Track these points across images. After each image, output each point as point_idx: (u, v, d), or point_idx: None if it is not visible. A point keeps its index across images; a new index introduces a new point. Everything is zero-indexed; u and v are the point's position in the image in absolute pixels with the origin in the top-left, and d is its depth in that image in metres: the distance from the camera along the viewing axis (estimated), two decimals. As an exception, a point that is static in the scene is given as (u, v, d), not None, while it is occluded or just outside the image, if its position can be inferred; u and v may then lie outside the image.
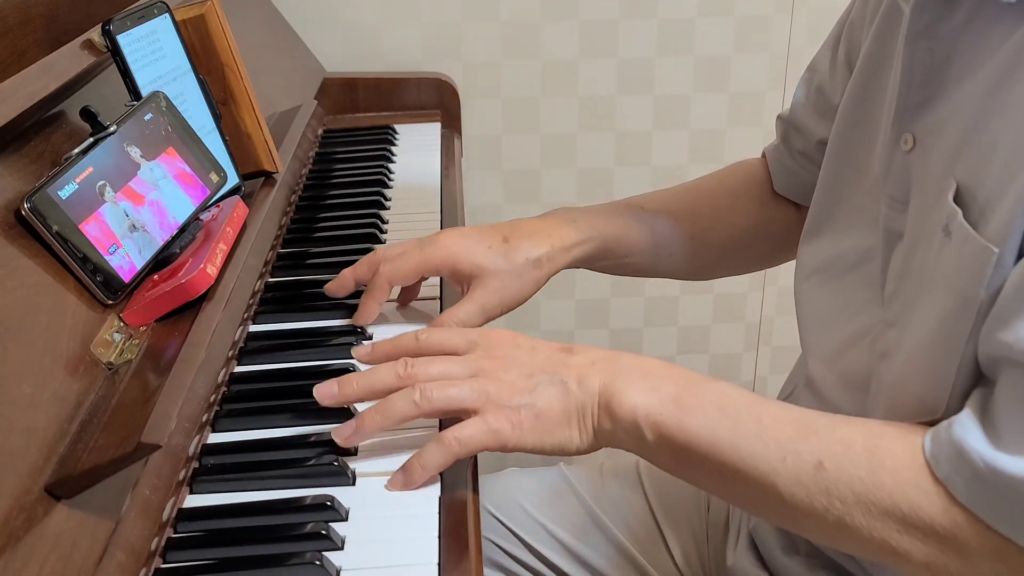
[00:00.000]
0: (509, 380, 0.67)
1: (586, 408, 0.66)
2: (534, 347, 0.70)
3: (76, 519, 0.55)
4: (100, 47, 0.77)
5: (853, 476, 0.59)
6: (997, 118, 0.60)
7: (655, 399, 0.65)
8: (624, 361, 0.68)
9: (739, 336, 1.75)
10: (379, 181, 1.19)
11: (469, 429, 0.65)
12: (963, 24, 0.63)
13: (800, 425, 0.63)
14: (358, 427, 0.67)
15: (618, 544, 0.95)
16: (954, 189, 0.61)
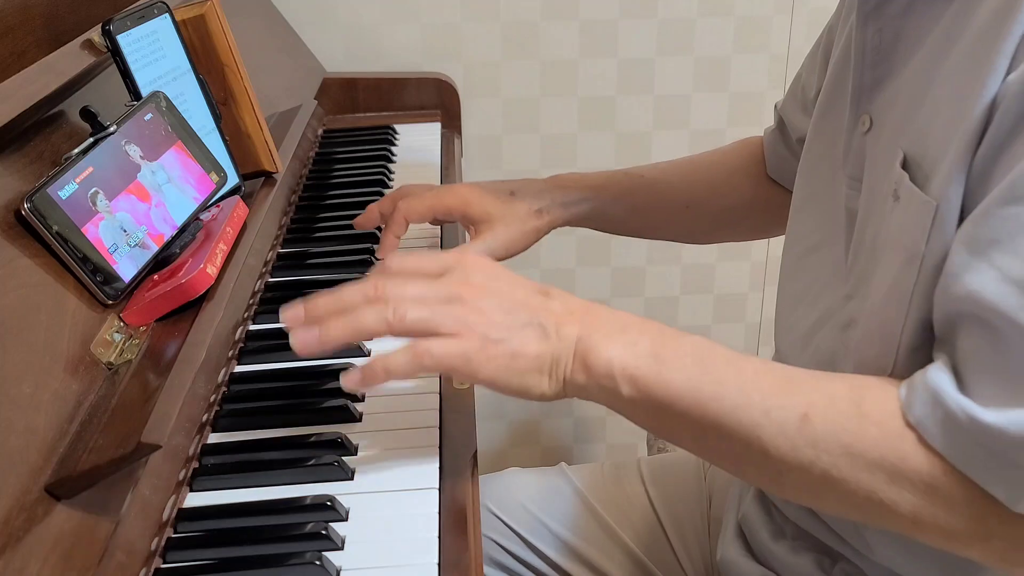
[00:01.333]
0: (488, 309, 0.64)
1: (560, 357, 0.64)
2: (512, 281, 0.67)
3: (76, 519, 0.55)
4: (100, 47, 0.77)
5: (839, 427, 0.59)
6: (936, 87, 0.62)
7: (631, 353, 0.63)
8: (600, 313, 0.66)
9: (739, 336, 1.75)
10: (379, 181, 1.19)
11: (444, 346, 0.62)
12: (906, 5, 0.66)
13: (783, 378, 0.62)
14: (322, 334, 0.63)
15: (620, 542, 0.95)
16: (901, 158, 0.63)
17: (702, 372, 0.62)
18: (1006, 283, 0.54)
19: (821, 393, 0.61)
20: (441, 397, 0.78)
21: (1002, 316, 0.54)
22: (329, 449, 0.70)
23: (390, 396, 0.77)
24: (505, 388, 0.64)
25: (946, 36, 0.62)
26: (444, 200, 0.94)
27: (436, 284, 0.65)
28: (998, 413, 0.54)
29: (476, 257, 0.68)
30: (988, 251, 0.55)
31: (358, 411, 0.75)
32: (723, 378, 0.62)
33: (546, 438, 1.79)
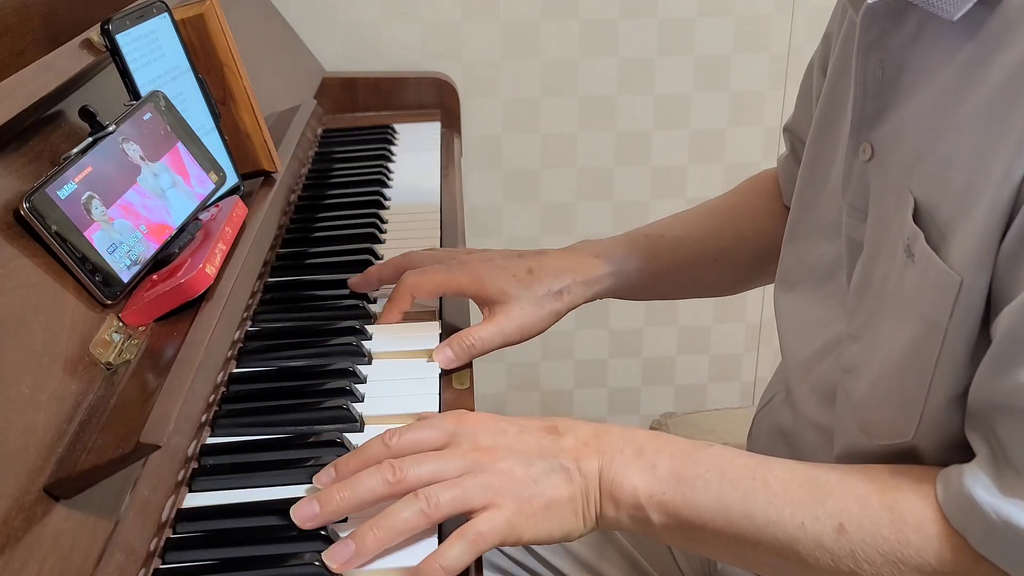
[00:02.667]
0: (509, 470, 0.63)
1: (589, 493, 0.64)
2: (520, 429, 0.67)
3: (75, 519, 0.55)
4: (99, 46, 0.77)
5: (877, 536, 0.59)
6: (950, 134, 0.60)
7: (654, 478, 0.63)
8: (612, 438, 0.66)
9: (739, 336, 1.75)
10: (378, 181, 1.19)
11: (490, 522, 0.61)
12: (911, 37, 0.64)
13: (810, 485, 0.62)
14: (358, 548, 0.60)
15: (617, 544, 0.95)
16: (912, 206, 0.61)
17: (727, 489, 0.62)
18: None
19: (853, 499, 0.60)
20: (441, 398, 0.77)
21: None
22: (329, 449, 0.70)
23: (389, 396, 0.77)
24: (550, 539, 0.64)
25: (962, 77, 0.60)
26: (456, 278, 0.85)
27: (449, 457, 0.64)
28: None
29: (473, 416, 0.67)
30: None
31: (357, 412, 0.74)
32: (750, 493, 0.62)
33: (546, 438, 1.79)
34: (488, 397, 1.72)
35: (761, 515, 0.61)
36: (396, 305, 0.86)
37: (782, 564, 0.62)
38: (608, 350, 1.73)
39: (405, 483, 0.62)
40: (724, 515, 0.62)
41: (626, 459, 0.64)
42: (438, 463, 0.63)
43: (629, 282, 0.91)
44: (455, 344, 0.81)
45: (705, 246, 0.94)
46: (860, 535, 0.59)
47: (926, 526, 0.58)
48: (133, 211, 0.71)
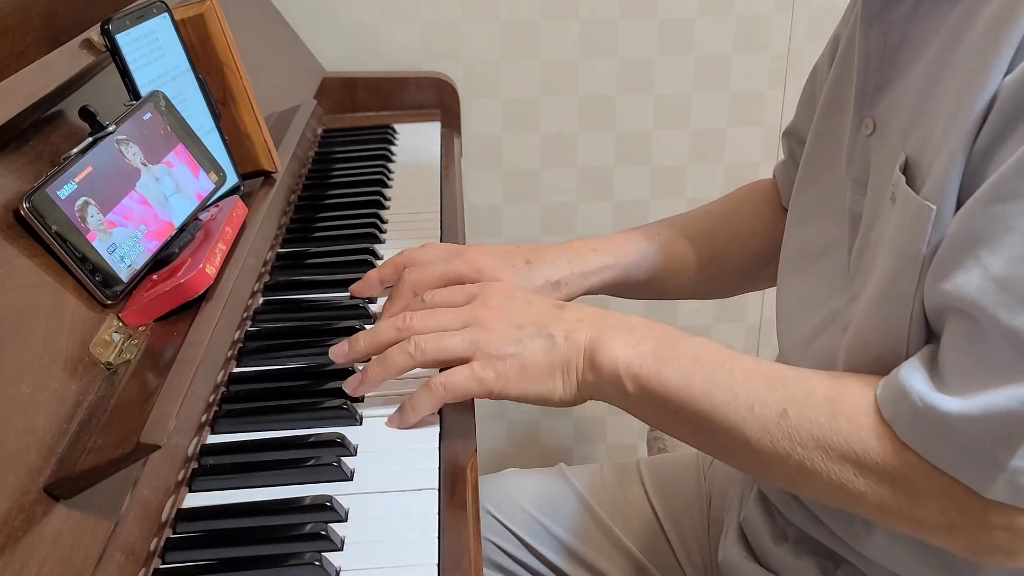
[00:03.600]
0: (498, 329, 0.71)
1: (571, 362, 0.70)
2: (529, 301, 0.74)
3: (75, 519, 0.55)
4: (99, 46, 0.77)
5: (813, 423, 0.63)
6: (940, 92, 0.62)
7: (636, 352, 0.69)
8: (610, 318, 0.72)
9: (739, 336, 1.75)
10: (378, 181, 1.19)
11: (456, 376, 0.70)
12: (912, 8, 0.66)
13: (769, 376, 0.66)
14: (364, 379, 0.73)
15: (619, 543, 0.95)
16: (902, 160, 0.64)
17: (696, 371, 0.67)
18: (987, 279, 0.56)
19: (800, 390, 0.65)
20: (441, 397, 0.78)
21: (981, 311, 0.56)
22: (328, 449, 0.70)
23: (390, 395, 0.77)
24: (524, 398, 0.71)
25: (950, 39, 0.62)
26: (456, 269, 0.86)
27: (456, 312, 0.73)
28: (964, 402, 0.57)
29: (499, 283, 0.77)
30: (974, 248, 0.57)
31: (357, 412, 0.75)
32: (714, 377, 0.67)
33: (546, 438, 1.79)
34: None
35: (719, 396, 0.66)
36: (397, 304, 0.85)
37: (731, 444, 0.66)
38: (608, 350, 1.73)
39: (411, 331, 0.72)
40: (687, 392, 0.67)
41: (616, 334, 0.70)
42: (444, 317, 0.73)
43: (627, 277, 0.92)
44: None
45: (700, 248, 0.96)
46: (799, 421, 0.63)
47: (858, 417, 0.62)
48: (132, 217, 0.71)
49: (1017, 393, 0.55)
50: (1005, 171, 0.55)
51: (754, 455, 0.65)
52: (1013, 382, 0.55)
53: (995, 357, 0.56)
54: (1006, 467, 0.56)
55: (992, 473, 0.57)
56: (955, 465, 0.58)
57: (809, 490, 0.66)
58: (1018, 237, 0.55)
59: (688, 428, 0.69)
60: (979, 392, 0.56)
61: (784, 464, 0.64)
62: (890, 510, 0.62)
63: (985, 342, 0.56)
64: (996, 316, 0.55)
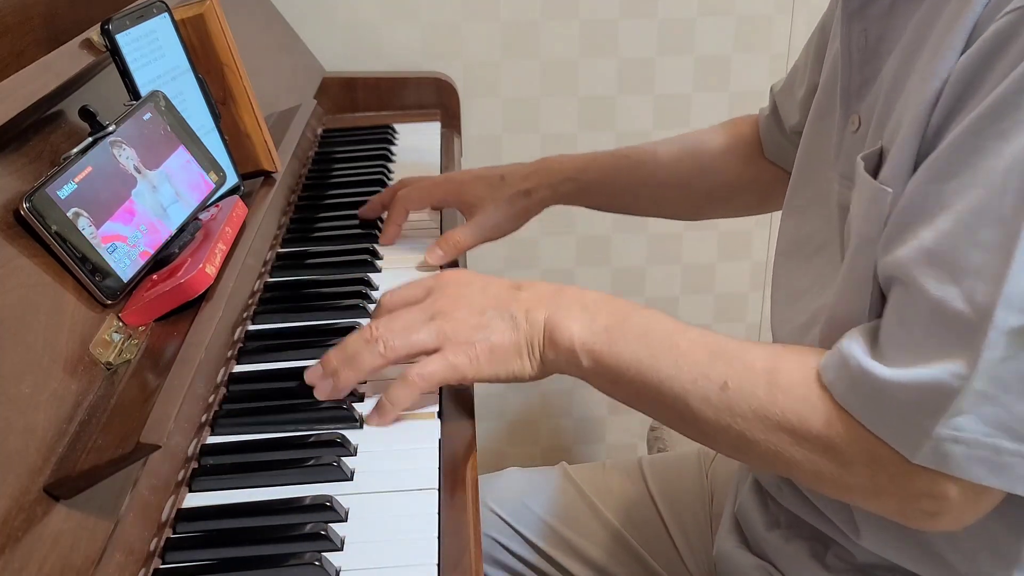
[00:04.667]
0: (463, 317, 0.73)
1: (533, 339, 0.73)
2: (485, 284, 0.76)
3: (75, 519, 0.55)
4: (99, 46, 0.77)
5: (751, 395, 0.65)
6: (909, 83, 0.64)
7: (590, 329, 0.71)
8: (567, 295, 0.74)
9: (739, 336, 1.74)
10: (379, 181, 1.19)
11: (430, 365, 0.72)
12: (890, 5, 0.69)
13: (712, 350, 0.68)
14: (335, 383, 0.73)
15: (622, 540, 0.95)
16: (875, 150, 0.66)
17: (644, 346, 0.70)
18: (919, 252, 0.59)
19: (740, 363, 0.67)
20: (441, 397, 0.77)
21: (912, 281, 0.59)
22: (328, 449, 0.70)
23: (390, 396, 0.77)
24: (497, 378, 0.73)
25: (918, 32, 0.65)
26: (440, 187, 1.03)
27: (419, 309, 0.75)
28: (894, 370, 0.59)
29: (452, 272, 0.78)
30: (913, 224, 0.60)
31: (357, 412, 0.74)
32: (661, 351, 0.69)
33: (546, 438, 1.79)
34: (489, 396, 1.72)
35: (664, 370, 0.68)
36: (393, 220, 1.02)
37: (677, 415, 0.69)
38: (608, 350, 1.73)
39: (378, 338, 0.73)
40: (636, 366, 0.69)
41: (572, 313, 0.72)
42: (407, 316, 0.74)
43: (591, 191, 1.04)
44: (442, 244, 0.97)
45: (667, 171, 1.05)
46: (739, 394, 0.65)
47: (794, 389, 0.64)
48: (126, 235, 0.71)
49: (942, 367, 0.57)
50: (943, 150, 0.58)
51: (699, 425, 0.68)
52: (939, 356, 0.57)
53: (924, 328, 0.58)
54: (931, 434, 0.58)
55: (919, 439, 0.59)
56: (886, 430, 0.60)
57: (751, 459, 0.69)
58: (950, 214, 0.57)
59: (640, 399, 0.71)
60: (909, 361, 0.59)
61: (726, 434, 0.66)
62: (824, 477, 0.64)
63: (916, 312, 0.59)
64: (924, 287, 0.58)
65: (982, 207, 0.56)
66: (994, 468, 0.57)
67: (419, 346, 0.73)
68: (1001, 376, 0.56)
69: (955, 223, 0.57)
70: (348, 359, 0.73)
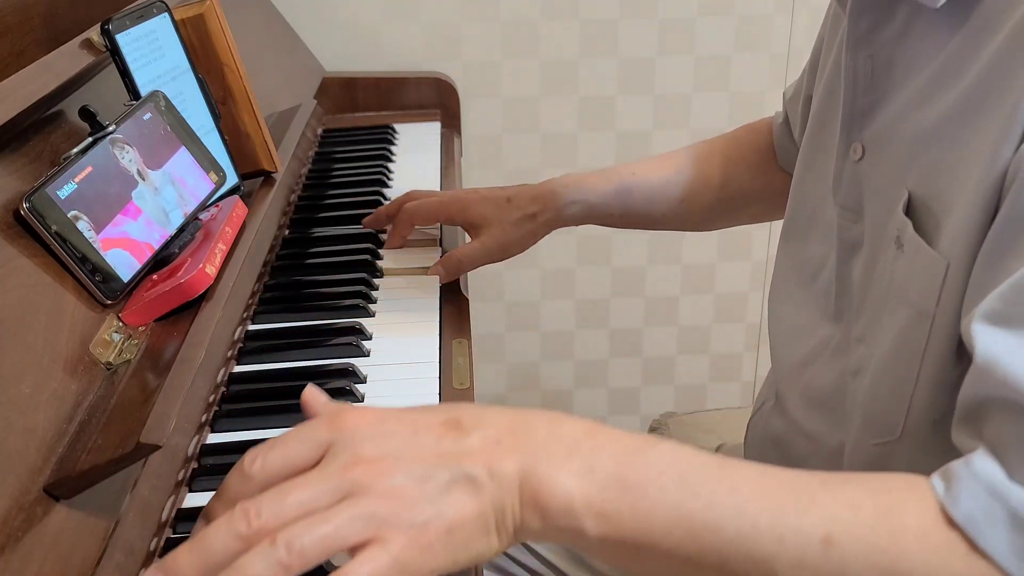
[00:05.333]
0: (396, 489, 0.50)
1: (504, 505, 0.51)
2: (413, 429, 0.52)
3: (75, 519, 0.55)
4: (99, 46, 0.77)
5: (873, 547, 0.49)
6: (944, 128, 0.60)
7: (592, 481, 0.51)
8: (535, 431, 0.54)
9: (739, 336, 1.75)
10: (378, 181, 1.19)
11: (369, 565, 0.48)
12: (901, 31, 0.64)
13: (789, 489, 0.52)
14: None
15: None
16: (905, 199, 0.62)
17: (689, 496, 0.51)
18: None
19: (841, 505, 0.51)
20: (441, 397, 0.77)
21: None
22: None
23: (389, 396, 0.77)
24: (454, 566, 0.51)
25: (952, 68, 0.60)
26: (447, 206, 1.00)
27: (321, 479, 0.50)
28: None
29: (352, 414, 0.53)
30: None
31: (358, 411, 0.74)
32: (716, 500, 0.51)
33: (546, 438, 1.78)
34: (488, 397, 1.72)
35: (730, 528, 0.50)
36: (398, 231, 1.01)
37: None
38: (608, 350, 1.73)
39: (263, 531, 0.48)
40: (684, 527, 0.51)
41: (556, 459, 0.52)
42: (304, 492, 0.49)
43: (599, 211, 1.02)
44: (445, 263, 0.95)
45: (674, 186, 1.02)
46: (852, 547, 0.50)
47: (931, 534, 0.50)
48: (127, 228, 0.71)
49: None
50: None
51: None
52: None
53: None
54: None
55: None
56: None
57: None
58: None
59: (683, 571, 0.52)
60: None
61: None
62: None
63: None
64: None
65: None
66: None
67: (340, 543, 0.48)
68: None
69: None
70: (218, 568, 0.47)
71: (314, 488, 0.49)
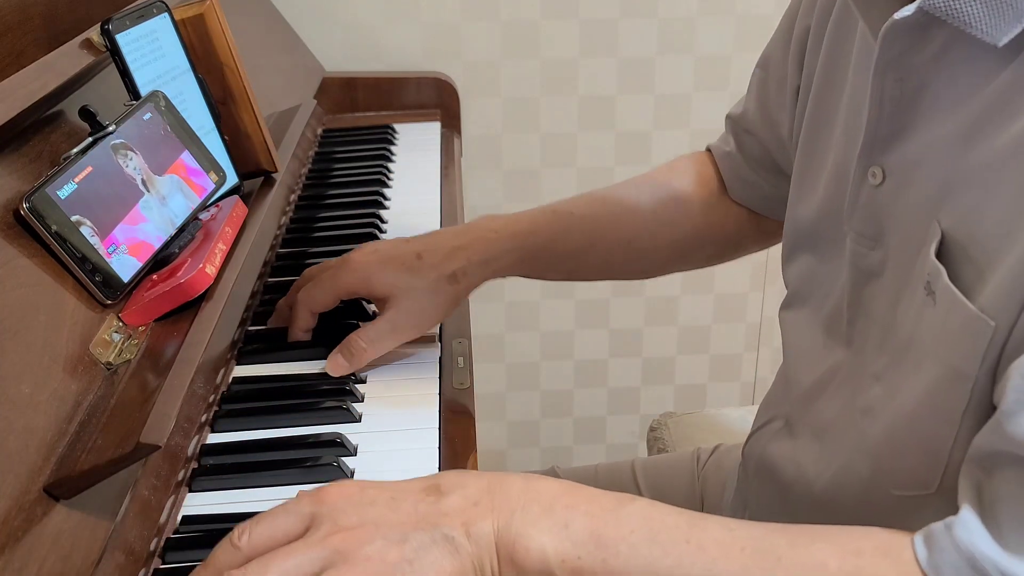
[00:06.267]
0: (377, 554, 0.52)
1: (483, 563, 0.54)
2: (393, 496, 0.55)
3: (75, 519, 0.55)
4: (99, 46, 0.77)
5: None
6: (987, 166, 0.55)
7: (566, 539, 0.54)
8: (512, 491, 0.55)
9: (739, 336, 1.75)
10: (378, 181, 1.19)
11: None
12: (936, 55, 0.59)
13: (755, 549, 0.53)
14: None
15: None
16: (938, 240, 0.57)
17: (659, 555, 0.53)
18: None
19: (807, 566, 0.52)
20: (440, 397, 0.77)
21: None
22: (328, 449, 0.70)
23: (389, 396, 0.77)
24: None
25: (1000, 103, 0.55)
26: (343, 280, 0.81)
27: (303, 548, 0.53)
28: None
29: (335, 490, 0.55)
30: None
31: (357, 412, 0.75)
32: (684, 560, 0.53)
33: (546, 439, 1.79)
34: (488, 397, 1.72)
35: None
36: (297, 325, 0.82)
37: None
38: (608, 350, 1.73)
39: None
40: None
41: (531, 517, 0.54)
42: (289, 560, 0.52)
43: (534, 259, 0.85)
44: (345, 351, 0.78)
45: (619, 227, 0.88)
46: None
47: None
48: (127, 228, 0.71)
49: None
50: None
51: None
52: None
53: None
54: None
55: None
56: None
57: None
58: None
59: None
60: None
61: None
62: None
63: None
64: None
65: None
66: None
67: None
68: None
69: None
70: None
71: (296, 557, 0.52)
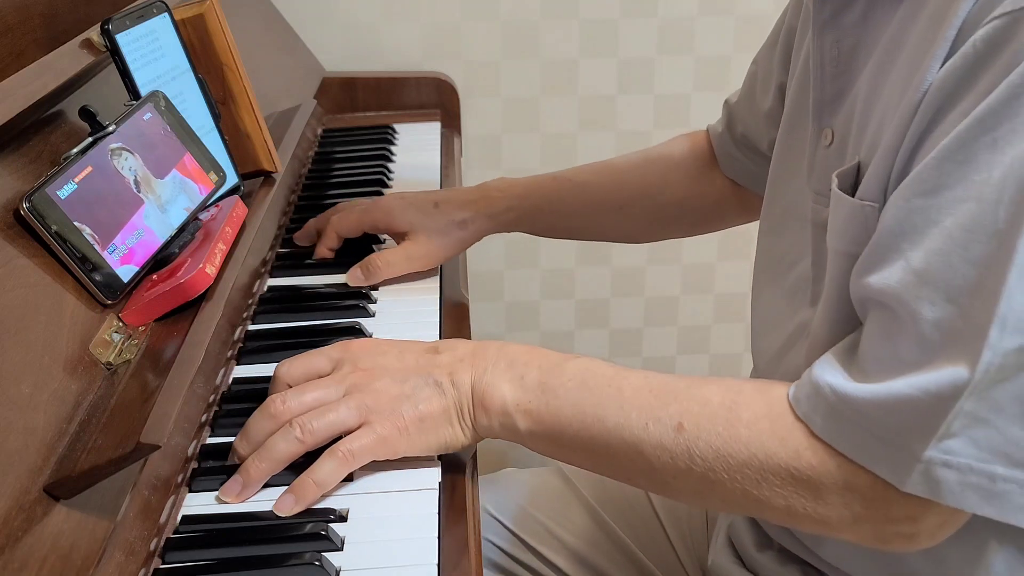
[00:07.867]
0: (383, 388, 0.67)
1: (463, 404, 0.68)
2: (401, 351, 0.71)
3: (75, 519, 0.55)
4: (99, 46, 0.77)
5: (711, 433, 0.62)
6: (883, 95, 0.62)
7: (521, 387, 0.67)
8: (489, 352, 0.70)
9: (739, 336, 1.75)
10: (378, 181, 1.19)
11: (359, 440, 0.66)
12: (863, 14, 0.66)
13: (660, 391, 0.65)
14: (245, 480, 0.66)
15: (620, 543, 0.95)
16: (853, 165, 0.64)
17: (585, 396, 0.66)
18: (908, 272, 0.56)
19: (695, 401, 0.63)
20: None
21: (900, 302, 0.56)
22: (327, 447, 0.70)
23: (390, 396, 0.77)
24: (429, 449, 0.68)
25: (893, 42, 0.63)
26: (371, 214, 0.97)
27: (331, 382, 0.69)
28: (881, 392, 0.56)
29: (359, 341, 0.73)
30: (897, 242, 0.57)
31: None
32: (604, 399, 0.65)
33: (546, 438, 1.79)
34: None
35: (612, 418, 0.64)
36: (324, 243, 0.97)
37: (631, 466, 0.65)
38: (608, 349, 1.73)
39: (288, 413, 0.66)
40: (580, 419, 0.65)
41: (498, 371, 0.68)
42: (319, 391, 0.68)
43: (532, 217, 1.00)
44: (364, 267, 0.93)
45: (610, 193, 1.01)
46: (696, 432, 0.62)
47: (759, 423, 0.61)
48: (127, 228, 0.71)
49: (933, 385, 0.54)
50: (926, 164, 0.56)
51: (655, 473, 0.64)
52: (929, 375, 0.55)
53: (913, 349, 0.56)
54: (921, 458, 0.55)
55: (908, 465, 0.56)
56: (871, 457, 0.58)
57: (715, 502, 0.66)
58: (939, 231, 0.55)
59: (587, 456, 0.67)
60: (889, 380, 0.56)
61: (686, 479, 0.63)
62: (796, 512, 0.61)
63: (904, 334, 0.56)
64: (915, 308, 0.55)
65: (974, 222, 0.54)
66: (988, 496, 0.55)
67: (340, 426, 0.66)
68: (995, 398, 0.54)
69: (946, 240, 0.55)
70: (259, 448, 0.66)
71: (325, 388, 0.68)
